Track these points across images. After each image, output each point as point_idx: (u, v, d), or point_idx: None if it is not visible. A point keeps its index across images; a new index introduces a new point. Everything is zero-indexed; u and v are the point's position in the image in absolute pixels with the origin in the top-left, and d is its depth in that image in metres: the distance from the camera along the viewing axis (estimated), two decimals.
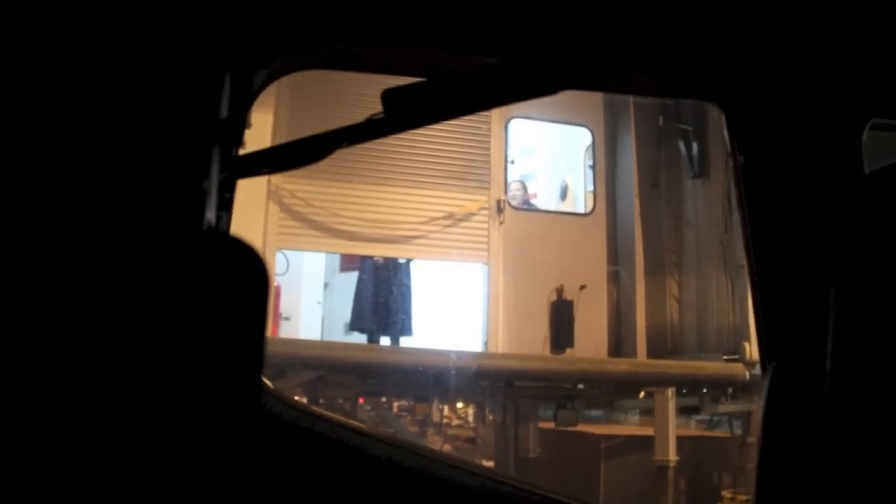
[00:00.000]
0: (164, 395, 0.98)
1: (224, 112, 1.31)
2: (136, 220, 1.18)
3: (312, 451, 1.55)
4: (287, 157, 1.55)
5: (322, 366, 8.70)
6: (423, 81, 1.52)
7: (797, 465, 1.32)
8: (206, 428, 0.98)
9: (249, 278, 0.96)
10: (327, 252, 11.20)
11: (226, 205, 1.37)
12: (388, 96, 1.47)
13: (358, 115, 1.50)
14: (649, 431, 9.64)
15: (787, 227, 1.60)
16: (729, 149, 1.77)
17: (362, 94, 8.14)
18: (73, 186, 1.16)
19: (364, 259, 10.65)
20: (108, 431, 0.97)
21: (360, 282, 10.59)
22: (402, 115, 1.48)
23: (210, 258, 0.97)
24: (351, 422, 1.73)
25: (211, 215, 1.28)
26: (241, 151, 1.47)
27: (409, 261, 10.57)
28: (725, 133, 1.77)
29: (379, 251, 10.37)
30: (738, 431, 9.92)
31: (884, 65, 1.69)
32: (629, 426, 10.93)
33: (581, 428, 9.82)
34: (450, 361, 9.14)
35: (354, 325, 10.63)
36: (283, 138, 1.59)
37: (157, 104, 1.25)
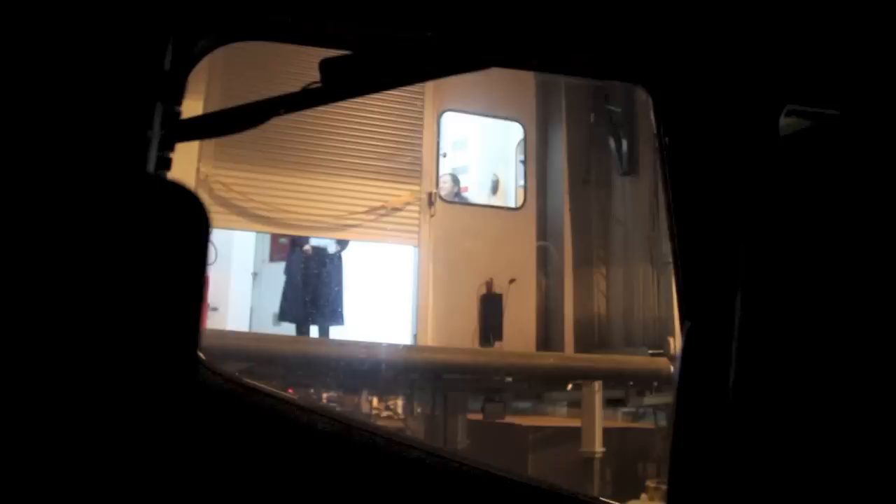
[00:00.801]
0: (103, 340, 0.99)
1: (167, 68, 1.33)
2: (79, 163, 1.19)
3: (247, 421, 1.57)
4: (224, 123, 1.57)
5: (250, 357, 8.62)
6: (360, 53, 1.55)
7: (709, 430, 1.38)
8: (145, 370, 1.00)
9: (190, 221, 0.98)
10: (258, 231, 11.06)
11: (165, 164, 1.39)
12: (325, 66, 1.50)
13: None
14: (576, 423, 9.78)
15: (707, 201, 1.68)
16: (655, 130, 1.84)
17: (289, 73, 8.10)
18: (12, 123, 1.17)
19: (292, 249, 10.61)
20: (43, 374, 0.98)
21: (287, 272, 10.52)
22: (338, 84, 1.51)
23: (152, 200, 0.99)
24: (284, 394, 1.74)
25: (152, 167, 1.30)
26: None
27: (339, 251, 10.55)
28: (651, 115, 1.84)
29: (311, 232, 10.33)
30: (663, 423, 10.11)
31: (800, 53, 1.77)
32: (557, 418, 11.06)
33: (509, 419, 9.91)
34: (378, 354, 9.15)
35: (283, 317, 10.56)
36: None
37: (106, 55, 1.26)
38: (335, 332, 10.38)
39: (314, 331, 10.43)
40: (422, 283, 10.58)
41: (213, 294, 10.92)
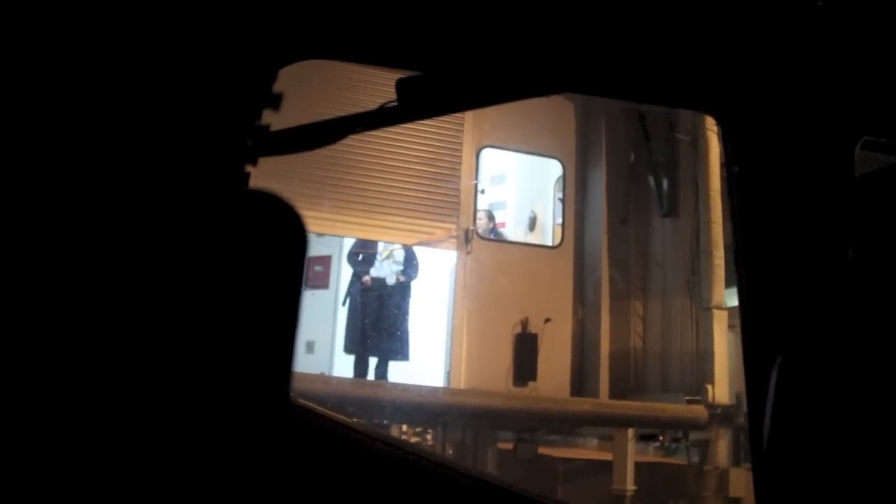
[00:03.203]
0: (207, 343, 0.98)
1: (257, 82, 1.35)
2: (186, 172, 1.20)
3: (332, 450, 1.57)
4: (304, 139, 1.57)
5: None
6: (435, 74, 1.55)
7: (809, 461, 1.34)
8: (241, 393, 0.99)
9: (290, 231, 0.97)
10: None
11: (245, 178, 1.40)
12: (401, 86, 1.51)
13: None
14: (607, 456, 9.65)
15: (778, 230, 1.65)
16: (724, 159, 1.82)
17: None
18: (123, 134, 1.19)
19: (352, 282, 10.54)
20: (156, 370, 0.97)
21: (349, 305, 10.45)
22: (414, 104, 1.51)
23: (254, 210, 0.98)
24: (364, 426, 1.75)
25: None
26: None
27: (407, 281, 10.46)
28: (720, 143, 1.83)
29: (351, 232, 10.32)
30: (695, 459, 9.95)
31: (878, 84, 1.75)
32: (587, 450, 10.91)
33: (540, 450, 9.79)
34: (412, 397, 9.09)
35: (348, 349, 10.47)
36: None
37: (209, 70, 1.29)
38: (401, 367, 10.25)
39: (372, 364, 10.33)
40: (457, 320, 10.49)
41: None
